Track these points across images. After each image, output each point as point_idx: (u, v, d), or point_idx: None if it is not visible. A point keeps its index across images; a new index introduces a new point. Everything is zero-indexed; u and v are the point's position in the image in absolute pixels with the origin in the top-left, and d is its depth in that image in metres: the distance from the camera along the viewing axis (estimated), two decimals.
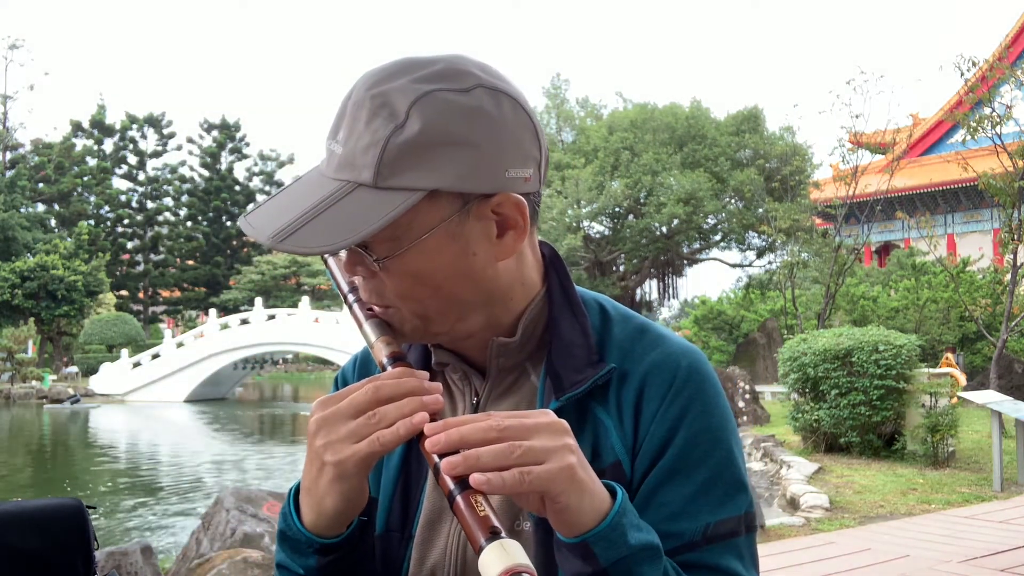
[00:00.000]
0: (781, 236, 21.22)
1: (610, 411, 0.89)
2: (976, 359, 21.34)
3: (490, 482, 0.70)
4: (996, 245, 20.87)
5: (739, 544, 0.87)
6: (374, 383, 0.78)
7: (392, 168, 0.78)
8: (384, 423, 0.76)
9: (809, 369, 10.24)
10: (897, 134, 20.97)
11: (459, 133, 0.79)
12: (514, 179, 0.82)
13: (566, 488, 0.73)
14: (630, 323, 0.95)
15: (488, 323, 0.90)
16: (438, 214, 0.80)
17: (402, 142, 0.78)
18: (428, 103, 0.79)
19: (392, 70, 0.82)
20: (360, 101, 0.80)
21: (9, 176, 50.32)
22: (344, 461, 0.76)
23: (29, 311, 40.96)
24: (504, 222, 0.84)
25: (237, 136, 63.35)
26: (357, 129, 0.80)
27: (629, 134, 35.55)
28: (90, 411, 30.16)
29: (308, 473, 0.80)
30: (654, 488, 0.86)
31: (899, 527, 6.58)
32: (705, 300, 31.99)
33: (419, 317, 0.86)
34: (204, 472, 15.79)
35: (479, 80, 0.82)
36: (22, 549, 1.86)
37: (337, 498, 0.79)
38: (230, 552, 4.64)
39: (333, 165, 0.82)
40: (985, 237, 36.36)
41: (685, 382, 0.89)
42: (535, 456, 0.72)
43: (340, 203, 0.79)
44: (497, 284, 0.87)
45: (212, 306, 46.41)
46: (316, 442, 0.78)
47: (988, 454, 9.21)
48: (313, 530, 0.82)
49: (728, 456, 0.88)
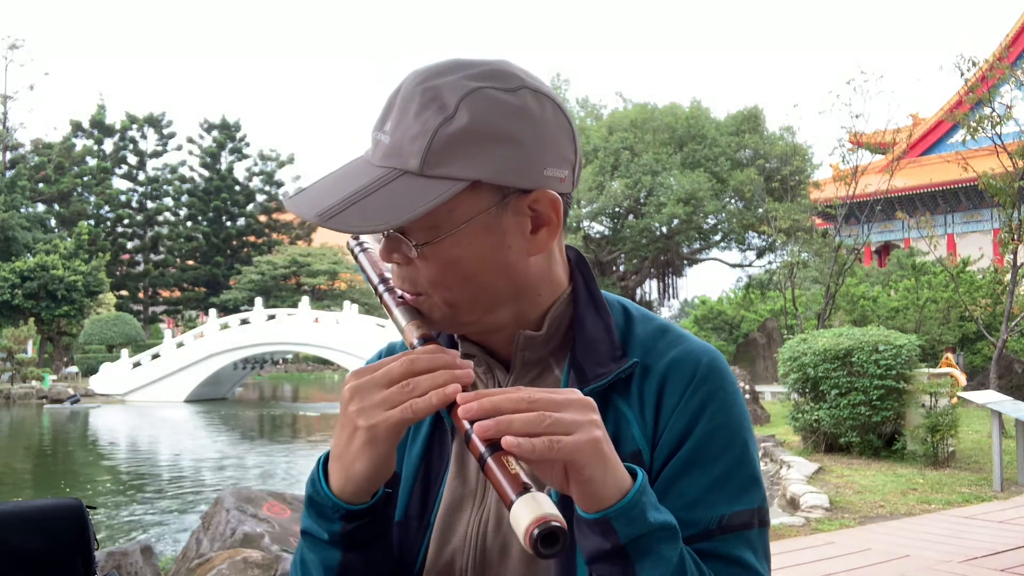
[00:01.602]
0: (781, 236, 21.24)
1: (632, 403, 0.92)
2: (976, 359, 21.35)
3: (520, 446, 0.73)
4: (996, 245, 20.87)
5: (752, 537, 0.89)
6: (409, 356, 0.81)
7: (439, 157, 0.81)
8: (417, 392, 0.79)
9: (809, 369, 10.24)
10: (897, 134, 20.97)
11: (504, 129, 0.83)
12: (551, 178, 0.86)
13: (591, 460, 0.75)
14: (651, 323, 0.98)
15: (515, 317, 0.93)
16: (478, 205, 0.84)
17: (450, 133, 0.81)
18: (477, 98, 0.82)
19: (442, 68, 0.85)
20: (410, 94, 0.84)
21: (9, 176, 50.32)
22: (376, 426, 0.79)
23: (29, 311, 40.96)
24: (539, 218, 0.88)
25: (237, 136, 63.31)
26: (406, 120, 0.83)
27: (629, 134, 35.53)
28: (90, 411, 30.17)
29: (339, 438, 0.83)
30: (672, 478, 0.89)
31: (899, 527, 6.58)
32: (705, 300, 32.03)
33: (449, 305, 0.89)
34: (204, 472, 15.79)
35: (524, 82, 0.86)
36: (22, 549, 1.86)
37: (367, 463, 0.81)
38: (230, 552, 4.64)
39: (379, 153, 0.85)
40: (985, 237, 36.36)
41: (705, 378, 0.91)
42: (564, 427, 0.74)
43: (386, 187, 0.82)
44: (527, 278, 0.91)
45: (212, 306, 46.38)
46: (350, 408, 0.81)
47: (988, 454, 9.21)
48: (340, 496, 0.84)
49: (744, 451, 0.91)
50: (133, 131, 61.01)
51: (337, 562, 0.86)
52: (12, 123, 56.83)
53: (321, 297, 52.22)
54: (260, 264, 55.35)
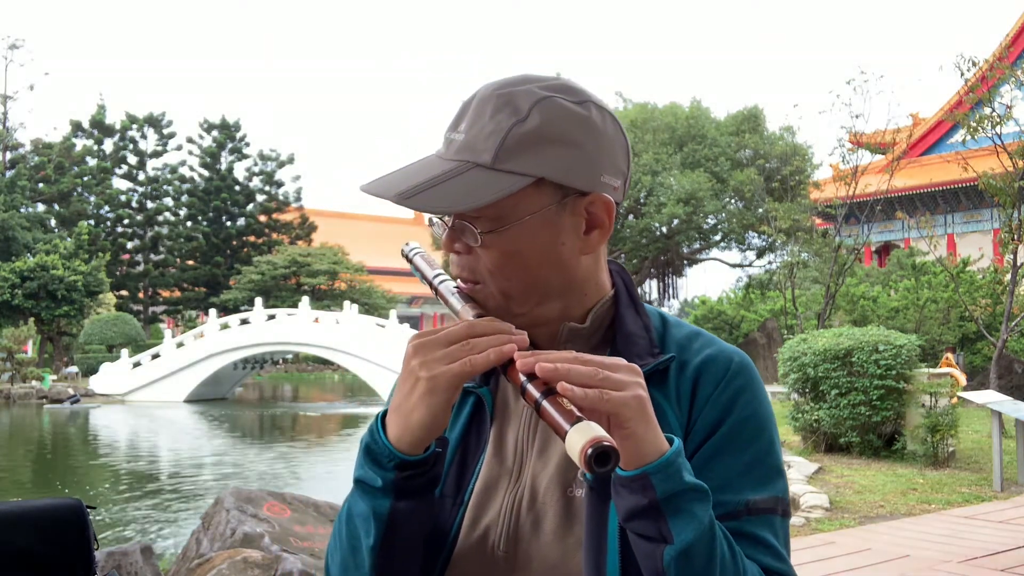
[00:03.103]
0: (781, 236, 21.22)
1: (668, 396, 0.98)
2: (976, 359, 21.33)
3: (574, 391, 0.79)
4: (996, 245, 20.86)
5: (775, 522, 0.95)
6: (468, 321, 0.90)
7: (510, 153, 0.89)
8: (477, 349, 0.86)
9: (809, 369, 10.24)
10: (897, 134, 20.97)
11: (570, 135, 0.91)
12: (607, 184, 0.95)
13: (635, 416, 0.81)
14: (685, 328, 1.06)
15: (562, 312, 0.99)
16: (540, 201, 0.92)
17: (522, 133, 0.90)
18: (548, 105, 0.91)
19: (516, 79, 0.94)
20: (486, 98, 0.92)
21: (9, 176, 50.28)
22: (437, 376, 0.85)
23: (29, 311, 40.92)
24: (593, 220, 0.95)
25: (237, 136, 63.25)
26: (481, 120, 0.91)
27: (629, 134, 35.24)
28: (90, 411, 30.16)
29: (400, 391, 0.89)
30: (704, 462, 0.94)
31: (899, 527, 6.58)
32: (705, 300, 32.01)
33: (504, 295, 0.96)
34: (204, 472, 15.79)
35: (590, 97, 0.95)
36: (22, 549, 1.86)
37: (424, 412, 0.87)
38: (230, 552, 4.63)
39: (452, 150, 0.93)
40: (985, 237, 36.33)
41: (737, 373, 1.00)
42: (614, 383, 0.81)
43: (459, 177, 0.90)
44: (576, 275, 0.98)
45: (212, 306, 46.34)
46: (412, 362, 0.88)
47: (988, 454, 9.21)
48: (397, 445, 0.89)
49: (771, 443, 0.99)
50: (133, 131, 60.91)
51: (387, 509, 0.91)
52: (12, 123, 56.81)
53: (321, 297, 52.17)
54: (260, 264, 55.30)
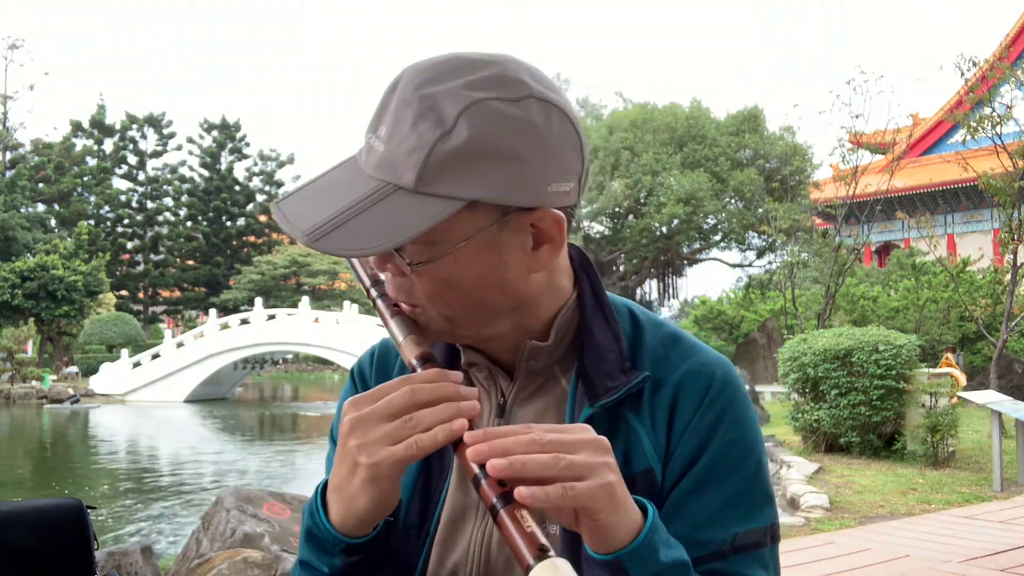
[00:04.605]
0: (781, 236, 21.23)
1: (643, 418, 0.89)
2: (976, 359, 21.34)
3: (534, 496, 0.69)
4: (996, 245, 20.87)
5: (764, 555, 0.88)
6: (410, 386, 0.77)
7: (435, 175, 0.76)
8: (421, 427, 0.75)
9: (809, 369, 10.24)
10: (897, 134, 20.98)
11: (506, 145, 0.77)
12: (555, 193, 0.81)
13: (605, 506, 0.73)
14: (661, 330, 0.94)
15: (516, 328, 0.89)
16: (475, 224, 0.79)
17: (448, 150, 0.76)
18: (477, 112, 0.77)
19: (442, 70, 0.79)
20: (406, 100, 0.78)
21: (9, 176, 50.30)
22: (379, 463, 0.75)
23: (29, 311, 40.93)
24: (541, 235, 0.83)
25: (237, 136, 63.33)
26: (401, 129, 0.78)
27: (629, 134, 35.56)
28: (90, 411, 30.16)
29: (339, 472, 0.79)
30: (684, 496, 0.87)
31: (899, 527, 6.58)
32: (705, 300, 32.01)
33: (446, 319, 0.86)
34: (204, 472, 15.79)
35: (530, 90, 0.80)
36: (22, 549, 1.86)
37: (369, 500, 0.78)
38: (230, 552, 4.63)
39: (372, 162, 0.80)
40: (985, 237, 36.35)
41: (720, 393, 0.89)
42: (577, 471, 0.72)
43: (378, 205, 0.77)
44: (527, 293, 0.87)
45: (212, 306, 46.39)
46: (350, 442, 0.77)
47: (988, 454, 9.21)
48: (341, 529, 0.81)
49: (758, 468, 0.89)
50: (133, 131, 61.00)
51: None
52: (12, 123, 56.82)
53: (321, 297, 52.22)
54: (260, 264, 55.37)
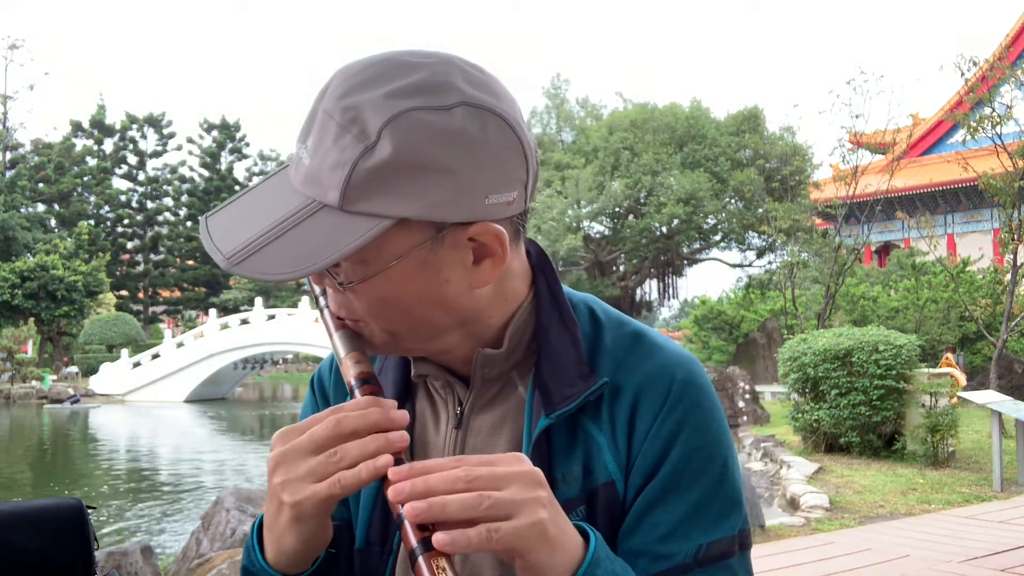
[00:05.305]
0: (781, 236, 21.25)
1: (603, 427, 0.85)
2: (976, 359, 21.34)
3: (455, 543, 0.66)
4: (996, 245, 20.87)
5: (732, 565, 0.83)
6: (336, 415, 0.74)
7: (359, 192, 0.72)
8: (346, 462, 0.71)
9: (809, 369, 10.24)
10: (897, 134, 20.96)
11: (434, 159, 0.72)
12: (494, 205, 0.76)
13: (535, 546, 0.69)
14: (622, 330, 0.90)
15: (466, 339, 0.85)
16: (408, 241, 0.75)
17: (371, 166, 0.71)
18: (402, 124, 0.72)
19: (368, 76, 0.74)
20: (330, 110, 0.74)
21: (9, 176, 50.32)
22: (302, 502, 0.72)
23: (29, 311, 40.95)
24: (481, 250, 0.78)
25: (237, 136, 63.37)
26: (325, 143, 0.73)
27: (629, 134, 35.56)
28: (90, 411, 30.17)
29: (268, 510, 0.77)
30: (646, 508, 0.83)
31: (899, 527, 6.58)
32: (705, 300, 31.98)
33: (389, 334, 0.82)
34: (204, 472, 15.79)
35: (463, 96, 0.74)
36: (22, 549, 1.86)
37: (295, 538, 0.76)
38: (230, 552, 4.64)
39: (300, 176, 0.76)
40: (985, 237, 36.35)
41: (680, 397, 0.84)
42: (504, 509, 0.68)
43: (304, 224, 0.73)
44: (472, 307, 0.82)
45: (212, 306, 46.41)
46: (274, 479, 0.74)
47: (988, 454, 9.21)
48: (275, 567, 0.79)
49: (722, 473, 0.85)
50: (133, 131, 61.02)
51: None
52: (12, 123, 56.83)
53: None
54: None
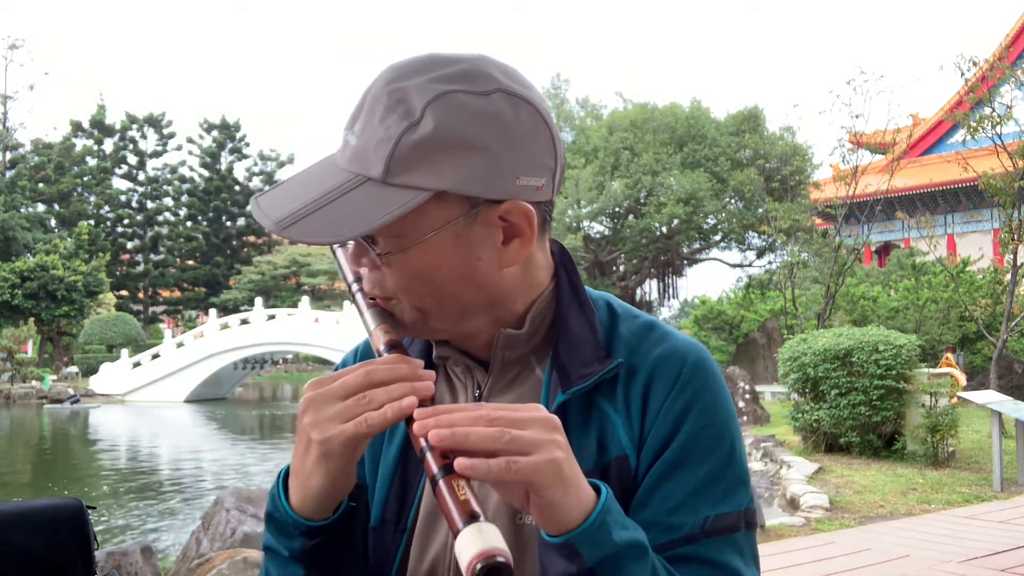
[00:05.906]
0: (781, 236, 21.24)
1: (617, 406, 0.89)
2: (976, 359, 21.34)
3: (475, 468, 0.69)
4: (996, 245, 20.88)
5: (738, 539, 0.86)
6: (367, 367, 0.78)
7: (402, 165, 0.78)
8: (373, 405, 0.76)
9: (809, 369, 10.24)
10: (897, 134, 20.95)
11: (472, 137, 0.79)
12: (525, 187, 0.82)
13: (551, 483, 0.72)
14: (636, 320, 0.94)
15: (491, 323, 0.90)
16: (444, 215, 0.81)
17: (414, 141, 0.78)
18: (444, 103, 0.79)
19: (413, 67, 0.82)
20: (378, 95, 0.81)
21: (9, 176, 50.34)
22: (330, 439, 0.76)
23: (29, 311, 40.95)
24: (511, 229, 0.84)
25: (237, 136, 63.33)
26: (372, 123, 0.80)
27: (629, 134, 35.55)
28: (90, 411, 30.17)
29: (296, 453, 0.81)
30: (657, 481, 0.86)
31: (899, 527, 6.58)
32: (705, 300, 31.99)
33: (419, 311, 0.86)
34: (203, 472, 15.79)
35: (499, 84, 0.81)
36: (22, 549, 1.86)
37: (323, 478, 0.79)
38: (230, 552, 4.64)
39: (346, 156, 0.82)
40: (985, 237, 36.34)
41: (691, 376, 0.89)
42: (523, 446, 0.72)
43: (348, 195, 0.79)
44: (500, 288, 0.87)
45: (212, 306, 46.38)
46: (304, 420, 0.78)
47: (988, 454, 9.21)
48: (300, 512, 0.82)
49: (731, 451, 0.88)
50: (133, 131, 61.00)
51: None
52: (12, 123, 56.84)
53: (321, 297, 52.20)
54: (260, 264, 55.36)
